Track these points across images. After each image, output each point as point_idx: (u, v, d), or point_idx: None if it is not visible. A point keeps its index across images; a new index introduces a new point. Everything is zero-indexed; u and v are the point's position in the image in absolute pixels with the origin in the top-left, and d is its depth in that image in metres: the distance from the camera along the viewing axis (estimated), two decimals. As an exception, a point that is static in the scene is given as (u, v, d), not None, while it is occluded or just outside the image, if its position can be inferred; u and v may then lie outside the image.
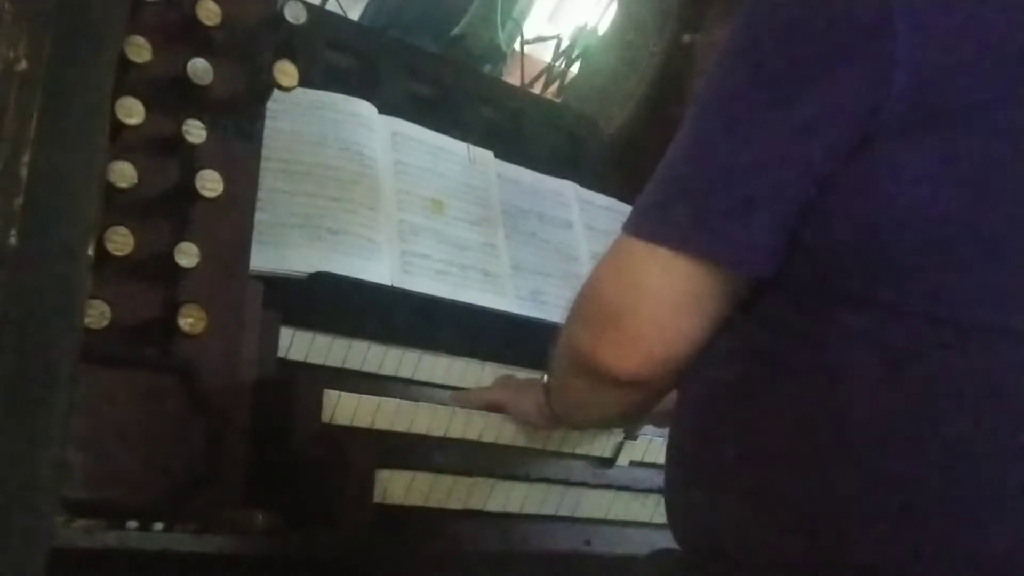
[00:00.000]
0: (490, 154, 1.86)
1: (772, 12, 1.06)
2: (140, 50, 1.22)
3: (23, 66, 0.85)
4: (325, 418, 1.30)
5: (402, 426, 1.36)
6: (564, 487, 1.46)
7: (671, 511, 1.16)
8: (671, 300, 1.06)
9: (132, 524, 1.11)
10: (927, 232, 0.98)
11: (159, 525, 1.12)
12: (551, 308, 1.75)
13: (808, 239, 1.02)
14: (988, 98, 0.99)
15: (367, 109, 1.71)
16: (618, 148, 2.27)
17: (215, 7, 1.29)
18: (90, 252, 0.90)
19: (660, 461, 1.58)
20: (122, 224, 1.18)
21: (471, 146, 1.83)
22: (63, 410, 0.86)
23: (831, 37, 1.01)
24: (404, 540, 1.30)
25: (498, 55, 2.62)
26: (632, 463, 1.58)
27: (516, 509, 1.39)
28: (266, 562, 1.18)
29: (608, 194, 2.02)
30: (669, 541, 1.25)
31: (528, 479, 1.43)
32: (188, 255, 1.23)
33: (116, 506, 1.14)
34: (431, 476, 1.31)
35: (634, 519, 1.52)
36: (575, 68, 2.75)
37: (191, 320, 1.22)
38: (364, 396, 1.33)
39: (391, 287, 1.57)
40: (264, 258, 1.44)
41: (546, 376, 1.34)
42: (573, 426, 1.41)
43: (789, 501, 1.01)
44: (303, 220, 1.54)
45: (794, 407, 1.01)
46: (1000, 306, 0.98)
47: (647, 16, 2.38)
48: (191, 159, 1.27)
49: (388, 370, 1.54)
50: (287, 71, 1.34)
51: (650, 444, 1.59)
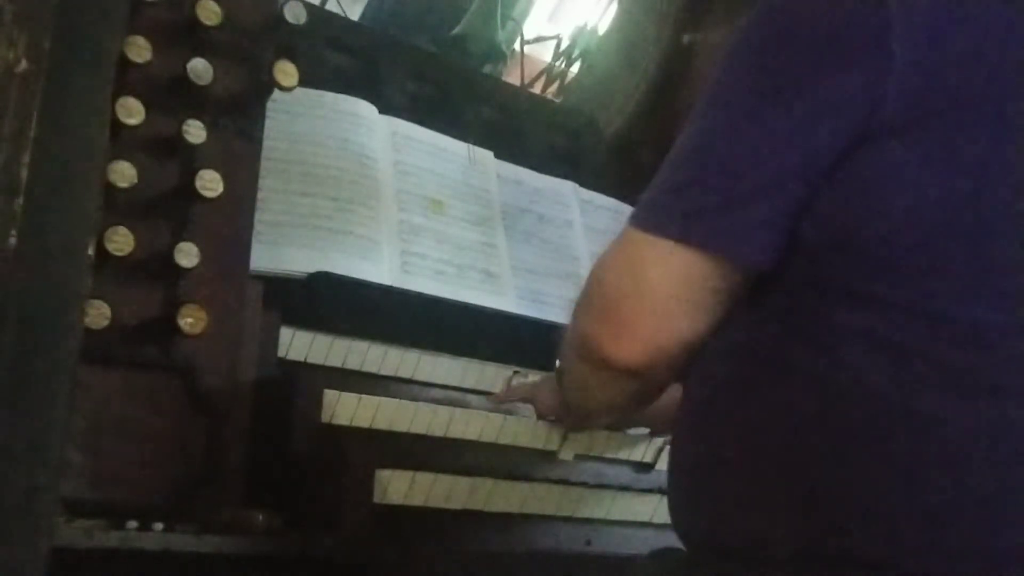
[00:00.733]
0: (490, 154, 1.86)
1: (774, 13, 1.08)
2: (140, 50, 1.22)
3: (23, 66, 0.85)
4: (325, 418, 1.30)
5: (402, 426, 1.36)
6: (564, 487, 1.46)
7: (675, 508, 1.17)
8: (671, 291, 1.08)
9: (132, 524, 1.11)
10: (924, 229, 0.99)
11: (159, 525, 1.12)
12: (551, 308, 1.75)
13: (807, 236, 1.03)
14: (984, 98, 1.01)
15: (367, 109, 1.71)
16: (618, 148, 2.26)
17: (215, 7, 1.29)
18: (90, 252, 0.90)
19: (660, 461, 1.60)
20: (122, 224, 1.18)
21: (471, 146, 1.83)
22: (63, 410, 0.86)
23: (830, 37, 1.03)
24: (404, 540, 1.30)
25: (498, 55, 2.63)
26: (633, 463, 1.59)
27: (516, 509, 1.39)
28: (266, 562, 1.18)
29: (608, 194, 2.02)
30: (669, 541, 1.25)
31: (528, 479, 1.43)
32: (188, 255, 1.23)
33: (116, 506, 1.14)
34: (431, 476, 1.31)
35: (634, 519, 1.52)
36: (575, 68, 2.75)
37: (191, 320, 1.22)
38: (364, 396, 1.33)
39: (391, 287, 1.56)
40: (264, 258, 1.44)
41: (558, 363, 1.36)
42: (582, 414, 1.39)
43: (791, 496, 1.01)
44: (303, 220, 1.54)
45: (794, 403, 1.02)
46: (996, 302, 0.99)
47: (647, 16, 2.37)
48: (191, 159, 1.27)
49: (388, 370, 1.55)
50: (287, 71, 1.34)
51: (650, 444, 1.59)
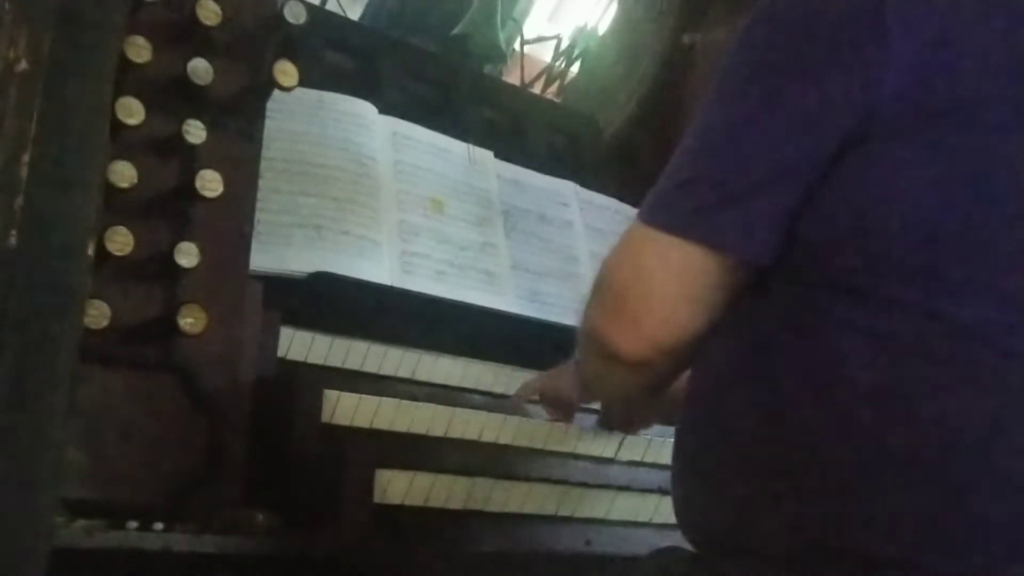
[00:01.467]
0: (490, 154, 1.86)
1: (774, 12, 1.09)
2: (140, 50, 1.22)
3: (23, 66, 0.85)
4: (325, 418, 1.30)
5: (402, 426, 1.36)
6: (564, 487, 1.46)
7: (678, 503, 1.18)
8: (676, 286, 1.09)
9: (132, 524, 1.11)
10: (921, 227, 1.00)
11: (159, 525, 1.12)
12: (551, 308, 1.75)
13: (807, 232, 1.04)
14: (980, 97, 1.01)
15: (367, 109, 1.71)
16: (618, 148, 2.26)
17: (215, 7, 1.29)
18: (90, 252, 0.90)
19: (660, 460, 1.60)
20: (122, 224, 1.18)
21: (471, 146, 1.83)
22: (63, 410, 0.86)
23: (827, 36, 1.03)
24: (404, 540, 1.30)
25: (498, 55, 2.63)
26: (632, 463, 1.58)
27: (516, 509, 1.39)
28: (266, 562, 1.18)
29: (608, 194, 2.02)
30: (669, 541, 1.25)
31: (528, 479, 1.43)
32: (188, 255, 1.23)
33: (116, 506, 1.14)
34: (431, 476, 1.31)
35: (634, 519, 1.52)
36: (575, 68, 2.75)
37: (191, 320, 1.22)
38: (364, 396, 1.33)
39: (391, 287, 1.57)
40: (264, 258, 1.44)
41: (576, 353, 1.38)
42: (602, 400, 1.48)
43: (793, 490, 1.02)
44: (303, 220, 1.54)
45: (796, 400, 1.03)
46: (993, 300, 0.99)
47: (647, 16, 2.38)
48: (191, 159, 1.27)
49: (388, 370, 1.54)
50: (287, 71, 1.34)
51: (650, 444, 1.59)
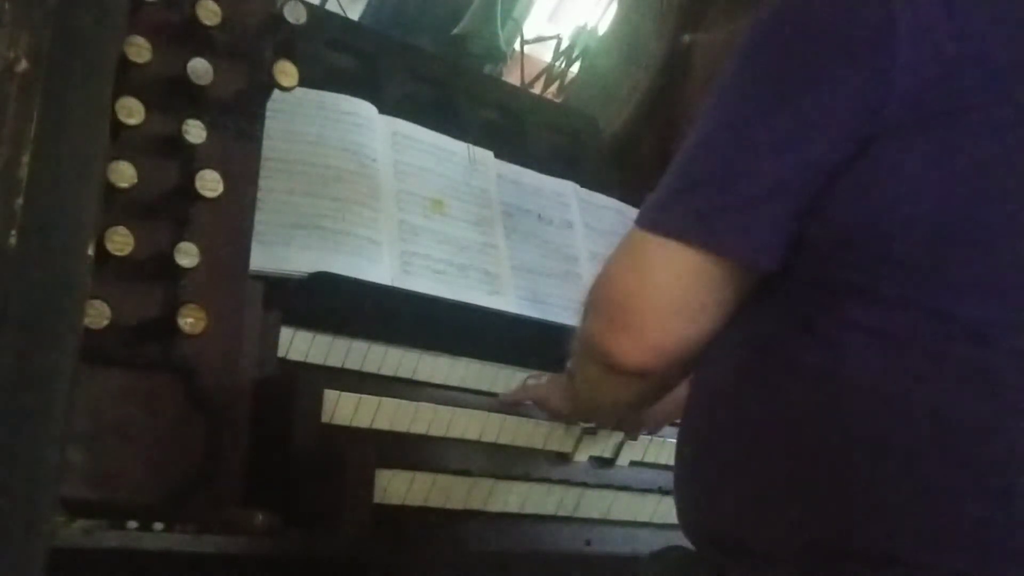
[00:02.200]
0: (490, 154, 1.86)
1: (779, 14, 1.08)
2: (140, 50, 1.22)
3: (23, 66, 0.85)
4: (325, 418, 1.30)
5: (402, 426, 1.36)
6: (564, 487, 1.46)
7: (680, 503, 1.17)
8: (679, 293, 1.07)
9: (132, 524, 1.11)
10: (928, 228, 1.00)
11: (159, 525, 1.12)
12: (551, 308, 1.75)
13: (813, 234, 1.04)
14: (988, 99, 1.01)
15: (367, 109, 1.71)
16: (618, 148, 2.26)
17: (215, 7, 1.29)
18: (90, 252, 0.90)
19: (660, 461, 1.60)
20: (122, 224, 1.18)
21: (471, 146, 1.83)
22: (63, 410, 0.86)
23: (835, 38, 1.02)
24: (404, 540, 1.30)
25: (498, 55, 2.63)
26: (632, 463, 1.59)
27: (516, 509, 1.39)
28: (266, 562, 1.18)
29: (608, 194, 2.02)
30: (669, 541, 1.24)
31: (528, 479, 1.43)
32: (188, 255, 1.23)
33: (116, 506, 1.14)
34: (431, 476, 1.31)
35: (634, 519, 1.52)
36: (575, 68, 2.76)
37: (191, 320, 1.22)
38: (364, 396, 1.33)
39: (391, 287, 1.56)
40: (264, 258, 1.44)
41: (569, 363, 1.36)
42: (593, 409, 1.42)
43: (796, 489, 1.01)
44: (303, 220, 1.54)
45: (799, 399, 1.02)
46: (999, 300, 0.99)
47: (647, 16, 2.38)
48: (191, 159, 1.27)
49: (388, 370, 1.54)
50: (287, 71, 1.34)
51: (650, 444, 1.59)
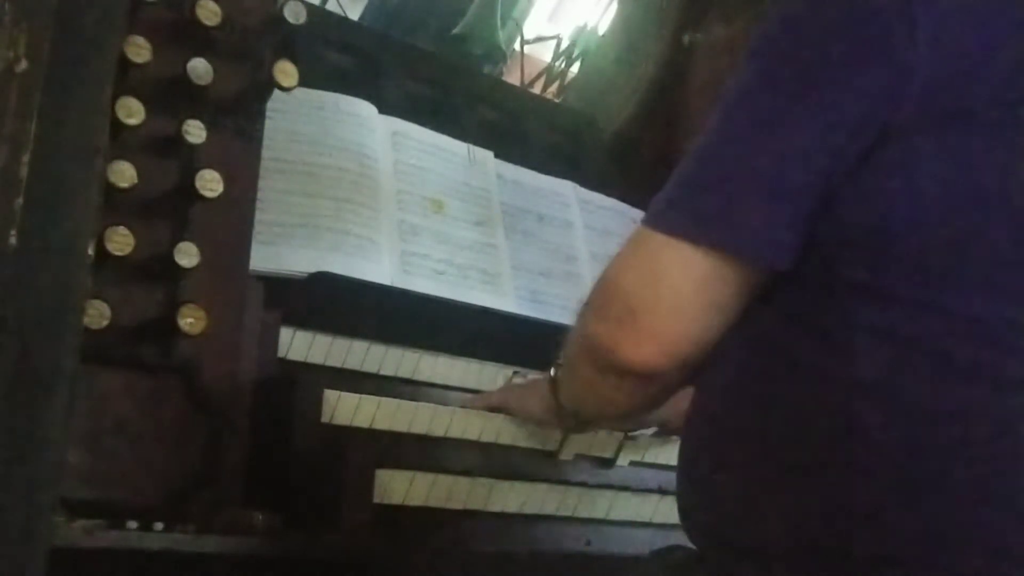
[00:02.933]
0: (490, 154, 1.86)
1: (796, 10, 1.06)
2: (140, 50, 1.22)
3: (23, 66, 0.85)
4: (325, 418, 1.30)
5: (402, 426, 1.36)
6: (564, 487, 1.45)
7: (683, 503, 1.16)
8: (690, 293, 1.06)
9: (132, 524, 1.11)
10: (941, 227, 0.99)
11: (159, 525, 1.12)
12: (551, 308, 1.75)
13: (824, 232, 1.02)
14: (1006, 98, 1.00)
15: (367, 109, 1.71)
16: (618, 148, 2.26)
17: (215, 7, 1.29)
18: (90, 252, 0.90)
19: (660, 461, 1.60)
20: (122, 224, 1.18)
21: (471, 146, 1.83)
22: (63, 410, 0.86)
23: (854, 35, 1.01)
24: (404, 540, 1.30)
25: (498, 55, 2.63)
26: (632, 463, 1.58)
27: (516, 509, 1.39)
28: (266, 562, 1.18)
29: (608, 194, 2.02)
30: (669, 541, 1.24)
31: (528, 479, 1.43)
32: (188, 255, 1.23)
33: (116, 506, 1.14)
34: (431, 476, 1.31)
35: (634, 519, 1.52)
36: (575, 68, 2.75)
37: (191, 320, 1.22)
38: (364, 396, 1.33)
39: (391, 287, 1.56)
40: (264, 258, 1.44)
41: (553, 370, 1.34)
42: (580, 419, 1.38)
43: (798, 489, 1.01)
44: (303, 220, 1.54)
45: (805, 398, 1.02)
46: (1010, 300, 0.99)
47: (647, 16, 2.37)
48: (191, 159, 1.27)
49: (388, 370, 1.54)
50: (287, 71, 1.34)
51: (650, 444, 1.59)
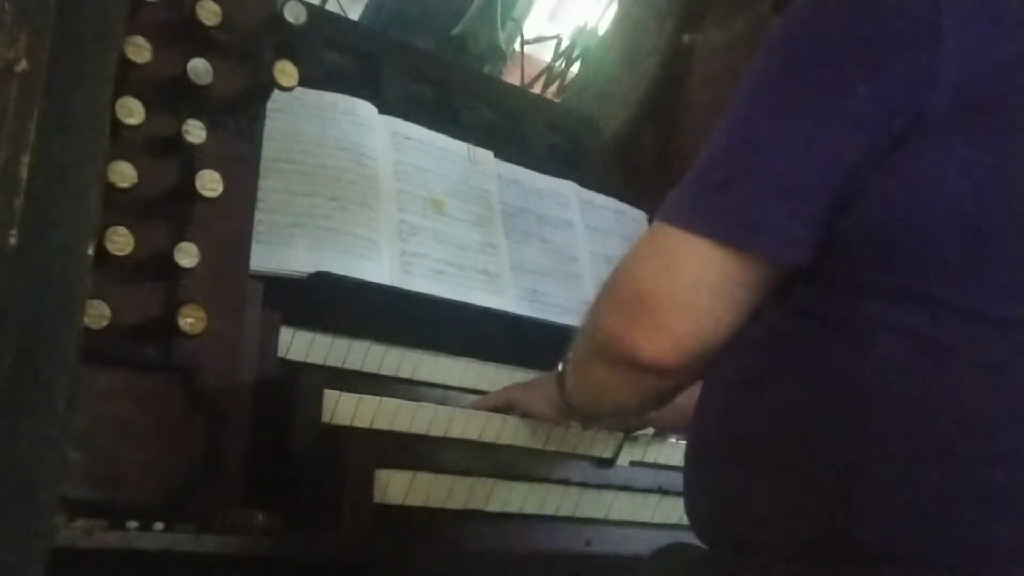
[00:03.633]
0: (490, 154, 1.86)
1: (817, 6, 1.05)
2: (140, 50, 1.22)
3: (23, 66, 0.85)
4: (325, 418, 1.30)
5: (402, 426, 1.36)
6: (564, 487, 1.45)
7: (690, 500, 1.16)
8: (707, 289, 1.05)
9: (132, 524, 1.11)
10: (963, 227, 0.98)
11: (159, 525, 1.12)
12: (551, 308, 1.75)
13: (843, 230, 1.01)
14: None
15: (367, 109, 1.71)
16: (618, 148, 2.27)
17: (215, 7, 1.29)
18: (90, 252, 0.90)
19: (660, 461, 1.60)
20: (122, 224, 1.18)
21: (471, 146, 1.83)
22: (63, 410, 0.86)
23: (881, 31, 1.00)
24: (404, 540, 1.30)
25: (498, 55, 2.63)
26: (632, 463, 1.58)
27: (516, 509, 1.39)
28: (266, 562, 1.18)
29: (608, 194, 2.02)
30: (669, 541, 1.24)
31: (528, 479, 1.43)
32: (188, 255, 1.23)
33: (116, 506, 1.14)
34: (431, 476, 1.31)
35: (634, 519, 1.52)
36: (575, 68, 2.76)
37: (191, 320, 1.22)
38: (364, 396, 1.33)
39: (391, 287, 1.56)
40: (264, 258, 1.44)
41: (560, 365, 1.33)
42: (586, 416, 1.39)
43: (808, 487, 1.00)
44: (303, 220, 1.54)
45: (819, 397, 1.01)
46: None
47: (647, 16, 2.38)
48: (191, 159, 1.27)
49: (388, 370, 1.55)
50: (287, 71, 1.34)
51: (650, 444, 1.59)
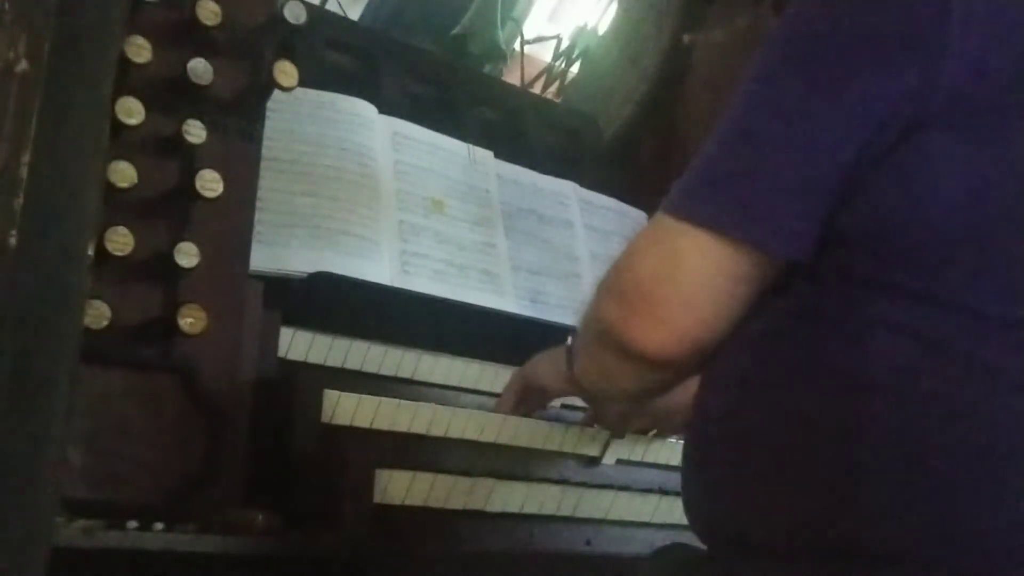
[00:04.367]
0: (490, 154, 1.86)
1: (824, 1, 1.04)
2: (140, 50, 1.22)
3: (23, 66, 0.85)
4: (325, 418, 1.30)
5: (402, 426, 1.36)
6: (564, 487, 1.46)
7: (688, 499, 1.15)
8: (707, 282, 1.05)
9: (132, 524, 1.11)
10: (964, 224, 0.97)
11: (159, 525, 1.12)
12: (551, 308, 1.75)
13: (843, 225, 1.01)
14: None
15: (367, 109, 1.71)
16: (618, 148, 2.27)
17: (215, 7, 1.29)
18: (90, 252, 0.90)
19: (660, 461, 1.60)
20: (122, 224, 1.18)
21: (471, 146, 1.83)
22: (63, 410, 0.86)
23: (885, 24, 1.00)
24: (404, 540, 1.30)
25: (498, 55, 2.63)
26: (632, 463, 1.58)
27: (516, 509, 1.39)
28: (266, 562, 1.18)
29: (608, 194, 2.02)
30: (669, 541, 1.24)
31: (528, 479, 1.43)
32: (188, 255, 1.23)
33: (116, 506, 1.14)
34: (431, 476, 1.31)
35: (634, 519, 1.52)
36: (575, 68, 2.75)
37: (191, 320, 1.22)
38: (364, 396, 1.33)
39: (391, 287, 1.57)
40: (264, 258, 1.44)
41: (569, 339, 1.34)
42: (597, 398, 1.42)
43: (811, 487, 1.00)
44: (303, 220, 1.54)
45: (817, 393, 1.01)
46: None
47: (647, 16, 2.38)
48: (191, 159, 1.27)
49: (388, 370, 1.54)
50: (287, 71, 1.34)
51: (650, 444, 1.59)
